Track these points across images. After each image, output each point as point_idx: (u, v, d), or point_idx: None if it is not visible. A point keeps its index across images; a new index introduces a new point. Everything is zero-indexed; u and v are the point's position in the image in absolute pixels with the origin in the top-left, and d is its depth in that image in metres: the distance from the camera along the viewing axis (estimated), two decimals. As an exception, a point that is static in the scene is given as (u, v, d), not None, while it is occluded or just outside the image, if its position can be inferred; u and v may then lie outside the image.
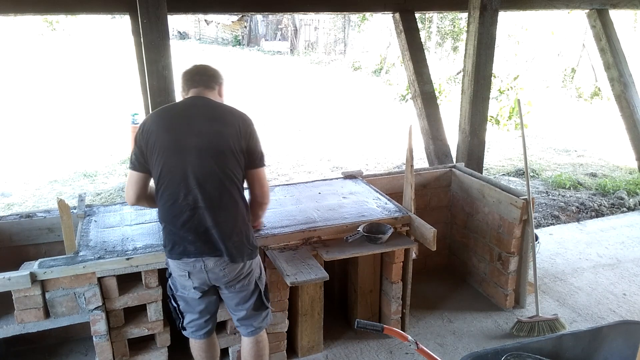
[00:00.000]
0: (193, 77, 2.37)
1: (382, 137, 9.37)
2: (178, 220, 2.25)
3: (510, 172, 7.15)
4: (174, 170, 2.22)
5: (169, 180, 2.24)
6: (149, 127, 2.27)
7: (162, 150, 2.22)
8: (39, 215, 3.13)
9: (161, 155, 2.23)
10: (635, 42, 10.23)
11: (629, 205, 5.75)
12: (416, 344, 2.08)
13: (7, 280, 2.39)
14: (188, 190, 2.22)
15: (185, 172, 2.21)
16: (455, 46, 16.64)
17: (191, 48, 23.56)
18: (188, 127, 2.24)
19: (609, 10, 5.68)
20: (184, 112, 2.31)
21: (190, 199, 2.22)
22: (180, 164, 2.22)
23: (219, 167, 2.23)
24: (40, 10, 3.83)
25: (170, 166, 2.23)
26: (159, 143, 2.23)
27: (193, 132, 2.23)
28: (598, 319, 3.54)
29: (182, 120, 2.26)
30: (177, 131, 2.24)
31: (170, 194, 2.24)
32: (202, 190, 2.22)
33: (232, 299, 2.45)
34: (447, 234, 4.17)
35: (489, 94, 4.27)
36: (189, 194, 2.22)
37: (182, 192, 2.23)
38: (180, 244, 2.27)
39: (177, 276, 2.37)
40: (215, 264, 2.29)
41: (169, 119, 2.29)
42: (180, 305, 2.47)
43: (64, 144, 8.76)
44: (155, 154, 2.23)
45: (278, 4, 4.60)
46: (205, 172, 2.22)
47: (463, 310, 3.64)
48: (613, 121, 7.11)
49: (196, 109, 2.30)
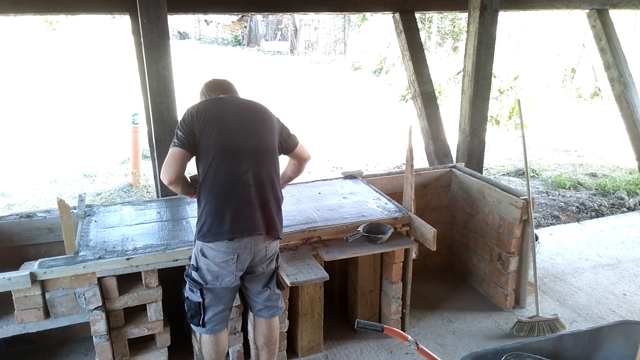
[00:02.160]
0: (218, 87, 2.58)
1: (382, 137, 9.37)
2: (235, 195, 2.35)
3: (510, 172, 7.15)
4: (231, 148, 2.37)
5: (225, 159, 2.36)
6: (205, 111, 2.41)
7: (219, 132, 2.36)
8: (39, 215, 3.13)
9: (219, 137, 2.36)
10: (635, 42, 10.22)
11: (629, 205, 5.75)
12: (416, 344, 2.08)
13: (7, 280, 2.39)
14: (246, 168, 2.37)
15: (240, 150, 2.38)
16: (455, 46, 16.63)
17: (191, 48, 23.57)
18: (234, 114, 2.44)
19: (609, 10, 5.68)
20: (227, 103, 2.50)
21: (247, 176, 2.37)
22: (235, 146, 2.38)
23: (267, 149, 2.46)
24: (40, 10, 3.83)
25: (228, 147, 2.37)
26: (216, 125, 2.37)
27: (242, 119, 2.44)
28: (598, 319, 3.54)
29: (227, 109, 2.47)
30: (233, 116, 2.43)
31: (227, 171, 2.35)
32: (256, 170, 2.40)
33: (261, 279, 2.57)
34: (447, 234, 4.17)
35: (489, 94, 4.26)
36: (247, 172, 2.37)
37: (240, 170, 2.36)
38: (236, 222, 2.34)
39: (218, 262, 2.39)
40: (263, 241, 2.43)
41: (218, 107, 2.46)
42: (207, 300, 2.47)
43: (64, 144, 8.75)
44: (211, 136, 2.36)
45: (278, 4, 4.60)
46: (258, 153, 2.42)
47: (463, 310, 3.64)
48: (613, 121, 7.11)
49: (242, 105, 2.52)
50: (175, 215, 3.12)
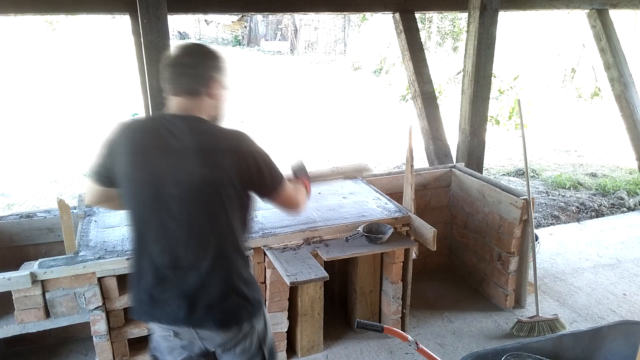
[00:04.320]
0: (174, 76, 1.71)
1: (382, 137, 9.37)
2: (150, 279, 1.74)
3: (510, 172, 7.15)
4: (148, 216, 1.71)
5: (141, 225, 1.74)
6: (125, 140, 1.72)
7: (132, 187, 1.72)
8: (39, 215, 3.13)
9: (132, 185, 1.72)
10: (635, 42, 10.22)
11: (629, 205, 5.75)
12: (416, 344, 2.08)
13: (7, 280, 2.38)
14: (165, 246, 1.72)
15: (161, 225, 1.70)
16: (455, 46, 16.63)
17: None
18: (168, 165, 1.66)
19: (609, 10, 5.68)
20: (162, 142, 1.67)
21: (167, 257, 1.71)
22: (156, 212, 1.70)
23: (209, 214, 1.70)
24: (40, 10, 3.83)
25: (142, 209, 1.72)
26: (129, 175, 1.71)
27: (175, 172, 1.66)
28: (598, 319, 3.54)
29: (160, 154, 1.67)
30: (154, 168, 1.68)
31: (143, 241, 1.74)
32: (184, 247, 1.71)
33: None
34: (447, 234, 4.17)
35: (489, 94, 4.26)
36: (165, 252, 1.72)
37: (157, 247, 1.72)
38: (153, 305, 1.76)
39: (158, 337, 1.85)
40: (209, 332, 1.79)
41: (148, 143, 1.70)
42: None
43: (64, 144, 8.75)
44: (124, 186, 1.74)
45: (278, 4, 4.60)
46: (189, 221, 1.70)
47: (463, 310, 3.64)
48: (613, 121, 7.12)
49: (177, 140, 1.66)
50: (175, 215, 3.11)
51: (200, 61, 1.74)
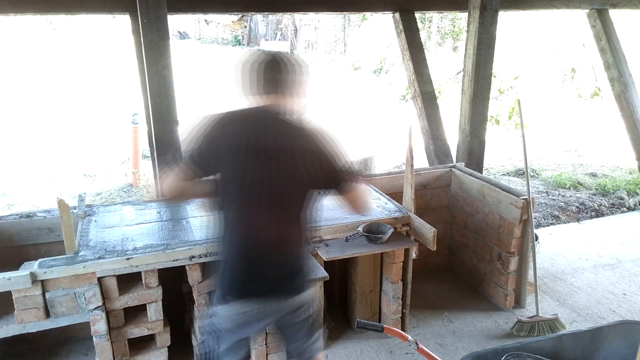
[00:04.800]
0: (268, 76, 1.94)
1: (382, 137, 9.36)
2: (249, 252, 1.96)
3: (510, 172, 7.15)
4: (245, 197, 1.92)
5: (238, 205, 1.93)
6: (228, 129, 1.91)
7: (232, 165, 1.90)
8: (39, 215, 3.13)
9: (231, 170, 1.91)
10: (635, 42, 10.22)
11: (629, 205, 5.75)
12: (416, 344, 2.08)
13: (7, 280, 2.39)
14: (262, 221, 1.94)
15: (259, 200, 1.92)
16: (455, 46, 16.63)
17: (191, 48, 23.55)
18: (265, 147, 1.90)
19: (609, 10, 5.68)
20: (262, 130, 1.92)
21: (267, 230, 1.94)
22: (253, 190, 1.91)
23: (295, 198, 1.99)
24: (40, 10, 3.83)
25: (241, 191, 1.91)
26: (232, 153, 1.89)
27: (270, 156, 1.90)
28: (598, 319, 3.54)
29: (260, 138, 1.90)
30: (254, 151, 1.90)
31: (241, 221, 1.95)
32: (276, 221, 1.96)
33: (298, 328, 2.16)
34: (447, 234, 4.17)
35: (489, 94, 4.26)
36: (267, 224, 1.94)
37: (255, 222, 1.94)
38: (250, 283, 1.97)
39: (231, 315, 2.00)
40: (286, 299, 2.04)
41: (246, 133, 1.91)
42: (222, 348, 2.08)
43: (64, 144, 8.75)
44: (223, 166, 1.91)
45: (278, 4, 4.60)
46: (281, 202, 1.95)
47: (463, 310, 3.64)
48: (613, 121, 7.12)
49: (276, 130, 1.93)
50: (175, 215, 3.11)
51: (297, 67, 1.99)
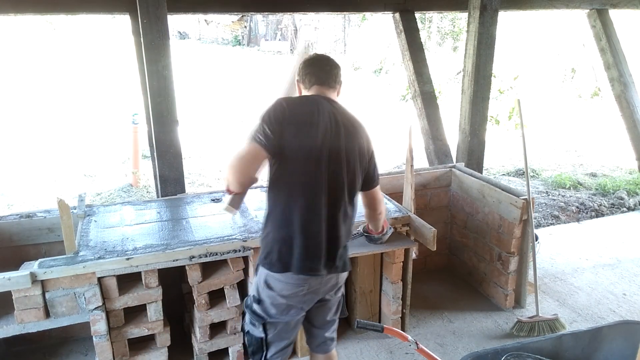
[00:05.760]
0: (318, 71, 2.18)
1: (382, 137, 9.36)
2: (310, 229, 2.07)
3: (510, 172, 7.15)
4: (314, 175, 2.06)
5: (305, 184, 2.06)
6: (291, 112, 2.04)
7: (303, 146, 2.03)
8: (39, 215, 3.13)
9: (302, 151, 2.03)
10: (635, 42, 10.21)
11: (629, 205, 5.75)
12: (416, 344, 2.08)
13: (7, 280, 2.39)
14: (327, 201, 2.08)
15: (324, 180, 2.07)
16: (455, 46, 16.62)
17: (191, 48, 23.56)
18: (325, 132, 2.06)
19: (609, 10, 5.68)
20: (322, 114, 2.08)
21: (327, 210, 2.08)
22: (321, 170, 2.06)
23: (350, 181, 2.14)
24: (40, 10, 3.82)
25: (310, 169, 2.05)
26: (298, 137, 2.03)
27: (336, 139, 2.08)
28: (598, 319, 3.54)
29: (319, 122, 2.06)
30: (317, 133, 2.05)
31: (307, 200, 2.06)
32: (337, 203, 2.11)
33: (330, 309, 2.31)
34: (447, 234, 4.17)
35: (489, 94, 4.26)
36: (327, 205, 2.08)
37: (321, 201, 2.07)
38: (306, 259, 2.07)
39: (286, 295, 2.10)
40: (335, 275, 2.19)
41: (309, 116, 2.07)
42: (270, 335, 2.17)
43: (64, 144, 8.75)
44: (294, 146, 2.02)
45: (278, 4, 4.59)
46: (342, 185, 2.11)
47: (463, 310, 3.64)
48: (613, 121, 7.12)
49: (331, 114, 2.11)
50: (175, 215, 3.12)
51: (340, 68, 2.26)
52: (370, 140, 2.24)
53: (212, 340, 2.92)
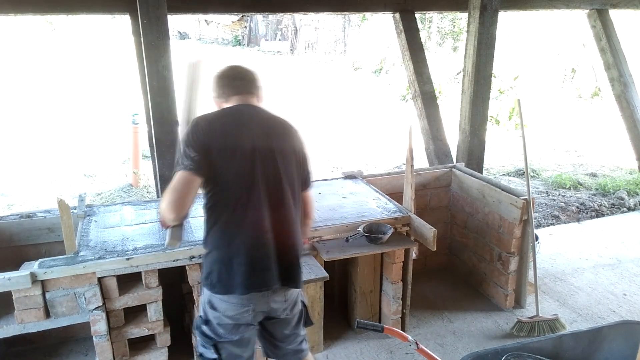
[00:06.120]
0: (232, 82, 2.12)
1: (382, 137, 9.37)
2: (250, 243, 1.99)
3: (510, 172, 7.15)
4: (248, 186, 1.98)
5: (239, 197, 1.98)
6: (212, 128, 1.97)
7: (229, 160, 1.96)
8: (39, 215, 3.13)
9: (237, 168, 1.97)
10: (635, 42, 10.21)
11: (629, 205, 5.75)
12: (416, 344, 2.08)
13: (7, 280, 2.39)
14: (265, 212, 2.00)
15: (260, 190, 1.99)
16: (455, 46, 16.62)
17: (191, 48, 23.55)
18: (253, 139, 2.00)
19: (609, 10, 5.68)
20: (246, 122, 2.03)
21: (267, 222, 2.00)
22: (255, 179, 1.98)
23: (289, 187, 2.06)
24: (40, 10, 3.83)
25: (243, 180, 1.97)
26: (226, 151, 1.96)
27: (266, 144, 2.01)
28: (598, 319, 3.54)
29: (245, 130, 2.00)
30: (246, 141, 1.98)
31: (242, 215, 1.98)
32: (277, 213, 2.03)
33: (288, 323, 2.21)
34: (447, 234, 4.17)
35: (489, 94, 4.26)
36: (266, 216, 2.00)
37: (259, 213, 1.99)
38: (250, 276, 1.98)
39: (231, 315, 2.03)
40: (282, 292, 2.10)
41: (234, 127, 2.00)
42: (224, 355, 2.09)
43: (64, 144, 8.76)
44: (227, 165, 1.96)
45: (278, 4, 4.60)
46: (281, 191, 2.04)
47: (463, 310, 3.64)
48: (613, 121, 7.13)
49: (257, 120, 2.06)
50: (175, 215, 3.11)
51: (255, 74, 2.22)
52: (303, 141, 2.15)
53: (212, 340, 2.91)
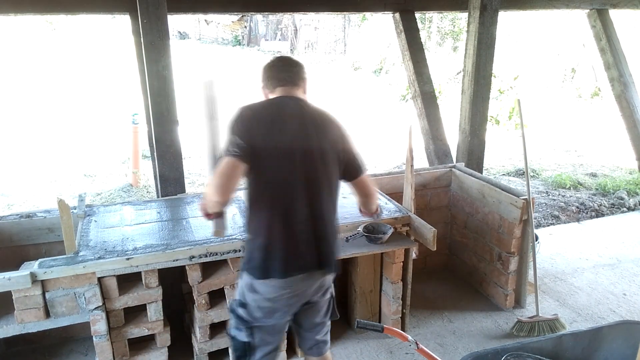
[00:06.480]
0: (279, 73, 2.17)
1: (382, 137, 9.36)
2: (291, 230, 2.04)
3: (510, 172, 7.15)
4: (289, 176, 2.03)
5: (281, 186, 2.03)
6: (256, 117, 2.03)
7: (275, 148, 2.01)
8: (39, 215, 3.13)
9: (280, 157, 2.02)
10: (635, 42, 10.21)
11: (629, 205, 5.75)
12: (416, 344, 2.08)
13: (7, 280, 2.39)
14: (307, 201, 2.05)
15: (300, 180, 2.04)
16: (455, 46, 16.62)
17: (191, 48, 23.55)
18: (296, 131, 2.05)
19: (609, 10, 5.68)
20: (289, 114, 2.08)
21: (307, 210, 2.05)
22: (296, 170, 2.03)
23: (327, 179, 2.11)
24: (40, 10, 3.83)
25: (285, 171, 2.03)
26: (269, 141, 2.00)
27: (307, 136, 2.06)
28: (598, 319, 3.54)
29: (288, 122, 2.06)
30: (288, 133, 2.04)
31: (284, 203, 2.04)
32: (317, 202, 2.08)
33: (318, 311, 2.27)
34: (447, 234, 4.17)
35: (489, 94, 4.26)
36: (307, 205, 2.05)
37: (300, 202, 2.04)
38: (290, 261, 2.04)
39: (270, 298, 2.07)
40: (320, 276, 2.15)
41: (277, 118, 2.06)
42: (256, 339, 2.15)
43: (64, 144, 8.76)
44: (270, 154, 2.01)
45: (278, 4, 4.60)
46: (319, 182, 2.08)
47: (463, 310, 3.64)
48: (613, 121, 7.14)
49: (300, 112, 2.10)
50: (175, 215, 3.12)
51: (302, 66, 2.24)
52: (344, 132, 2.19)
53: (212, 340, 2.92)
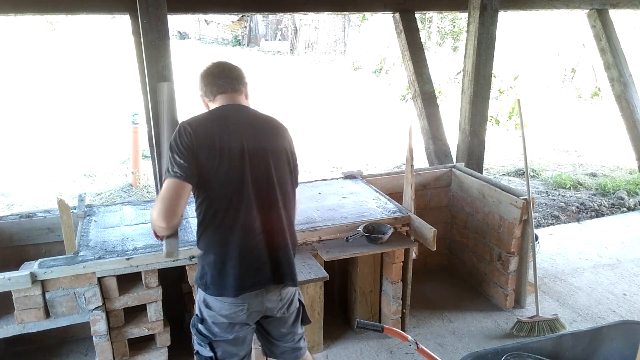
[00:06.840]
0: (217, 80, 2.07)
1: (382, 137, 9.36)
2: (243, 245, 1.97)
3: (510, 172, 7.15)
4: (238, 190, 1.95)
5: (230, 201, 1.95)
6: (198, 132, 1.92)
7: (217, 163, 1.92)
8: (39, 215, 3.13)
9: (221, 169, 1.93)
10: (635, 42, 10.21)
11: (629, 205, 5.74)
12: (416, 344, 2.08)
13: (7, 280, 2.39)
14: (257, 212, 1.98)
15: (251, 192, 1.97)
16: (455, 46, 16.62)
17: (191, 48, 23.55)
18: (242, 141, 1.96)
19: (609, 10, 5.68)
20: (233, 123, 1.99)
21: (258, 222, 1.98)
22: (245, 182, 1.95)
23: (280, 187, 2.04)
24: (40, 10, 3.83)
25: (233, 184, 1.95)
26: (214, 154, 1.92)
27: (256, 146, 1.98)
28: (598, 319, 3.54)
29: (233, 132, 1.97)
30: (234, 143, 1.95)
31: (235, 216, 1.96)
32: (269, 213, 2.01)
33: (284, 322, 2.21)
34: (447, 234, 4.17)
35: (489, 94, 4.26)
36: (257, 217, 1.98)
37: (251, 215, 1.97)
38: (243, 277, 1.97)
39: (225, 314, 2.02)
40: (276, 290, 2.08)
41: (221, 129, 1.96)
42: (219, 353, 2.09)
43: (64, 144, 8.76)
44: (216, 168, 1.92)
45: (278, 4, 4.60)
46: (272, 193, 2.01)
47: (463, 310, 3.64)
48: (613, 121, 7.13)
49: (245, 120, 2.03)
50: (175, 215, 3.11)
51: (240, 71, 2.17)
52: (291, 140, 2.14)
53: (212, 340, 2.91)
